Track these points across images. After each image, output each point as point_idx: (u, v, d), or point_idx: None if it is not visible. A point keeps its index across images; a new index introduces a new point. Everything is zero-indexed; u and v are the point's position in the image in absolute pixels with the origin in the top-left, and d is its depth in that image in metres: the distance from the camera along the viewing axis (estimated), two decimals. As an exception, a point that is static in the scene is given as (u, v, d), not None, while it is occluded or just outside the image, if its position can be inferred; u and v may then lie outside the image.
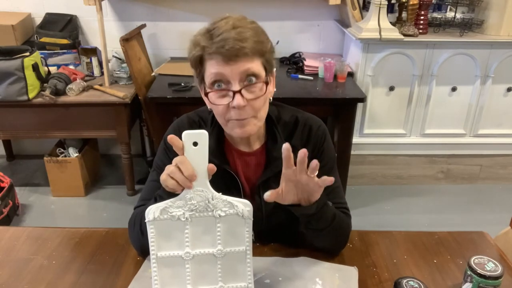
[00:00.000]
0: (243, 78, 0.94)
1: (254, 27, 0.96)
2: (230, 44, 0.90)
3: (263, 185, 1.09)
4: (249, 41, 0.92)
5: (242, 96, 0.94)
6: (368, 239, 1.17)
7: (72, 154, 2.74)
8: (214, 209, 0.84)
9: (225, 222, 0.85)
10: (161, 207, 0.84)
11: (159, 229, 0.85)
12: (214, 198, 0.84)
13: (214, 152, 1.06)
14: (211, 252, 0.87)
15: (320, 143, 1.12)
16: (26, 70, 2.35)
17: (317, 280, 1.01)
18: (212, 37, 0.93)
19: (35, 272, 1.04)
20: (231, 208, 0.85)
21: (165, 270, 0.88)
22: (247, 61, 0.93)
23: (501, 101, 2.78)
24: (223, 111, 0.97)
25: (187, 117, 1.14)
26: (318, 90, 2.47)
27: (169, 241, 0.86)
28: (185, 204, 0.84)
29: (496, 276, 0.91)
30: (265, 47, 0.97)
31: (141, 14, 2.87)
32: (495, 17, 2.64)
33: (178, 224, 0.85)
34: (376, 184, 2.95)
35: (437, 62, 2.64)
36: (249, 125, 0.99)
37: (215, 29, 0.93)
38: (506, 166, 2.97)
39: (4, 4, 2.82)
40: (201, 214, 0.85)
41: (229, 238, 0.87)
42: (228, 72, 0.93)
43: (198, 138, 0.80)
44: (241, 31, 0.92)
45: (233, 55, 0.91)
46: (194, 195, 0.83)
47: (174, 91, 2.37)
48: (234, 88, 0.94)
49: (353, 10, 2.65)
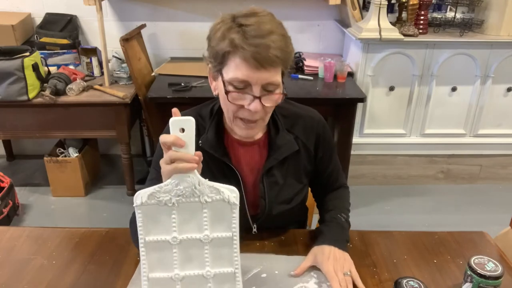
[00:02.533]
0: (264, 87, 0.95)
1: (285, 34, 0.95)
2: (265, 51, 0.90)
3: (266, 173, 1.11)
4: (281, 52, 0.92)
5: (260, 102, 0.95)
6: (368, 239, 1.17)
7: (72, 154, 2.74)
8: (201, 195, 0.85)
9: (212, 208, 0.86)
10: (148, 192, 0.85)
11: (146, 214, 0.86)
12: (200, 184, 0.84)
13: (213, 144, 1.07)
14: (197, 238, 0.87)
15: (322, 132, 1.16)
16: (26, 70, 2.35)
17: (312, 274, 1.03)
18: (246, 36, 0.90)
19: (35, 272, 1.04)
20: (218, 194, 0.85)
21: (153, 254, 0.89)
22: (274, 71, 0.94)
23: (501, 101, 2.78)
24: (235, 109, 0.98)
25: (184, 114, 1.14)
26: (318, 90, 2.47)
27: (157, 226, 0.87)
28: (172, 189, 0.84)
29: (496, 276, 0.91)
30: (290, 57, 0.97)
31: (141, 14, 2.87)
32: (495, 17, 2.64)
33: (165, 209, 0.86)
34: (376, 184, 2.95)
35: (437, 62, 2.64)
36: (256, 128, 1.02)
37: (249, 26, 0.91)
38: (506, 166, 2.97)
39: (4, 4, 2.82)
40: (187, 199, 0.85)
41: (215, 224, 0.87)
42: (253, 78, 0.92)
43: (184, 124, 0.80)
44: (276, 39, 0.91)
45: (265, 62, 0.90)
46: (181, 181, 0.84)
47: (174, 91, 2.38)
48: (256, 94, 0.94)
49: (353, 10, 2.65)
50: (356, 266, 1.05)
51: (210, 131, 1.08)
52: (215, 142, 1.08)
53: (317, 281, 1.00)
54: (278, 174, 1.11)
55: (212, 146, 1.08)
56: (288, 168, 1.13)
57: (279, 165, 1.11)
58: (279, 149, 1.09)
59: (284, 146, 1.10)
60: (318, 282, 1.00)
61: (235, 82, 0.94)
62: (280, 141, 1.10)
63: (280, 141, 1.09)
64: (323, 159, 1.18)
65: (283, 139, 1.10)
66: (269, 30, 0.91)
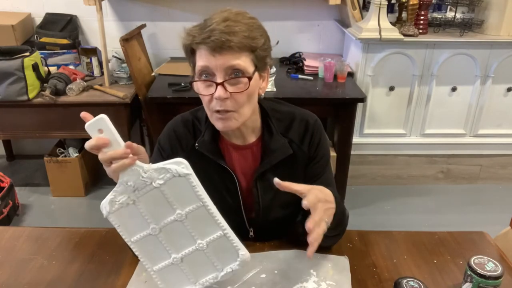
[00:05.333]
0: (228, 72, 0.95)
1: (249, 22, 0.96)
2: (216, 36, 0.91)
3: (260, 178, 1.10)
4: (237, 35, 0.92)
5: (224, 89, 0.95)
6: (368, 239, 1.17)
7: (72, 154, 2.74)
8: (152, 180, 0.84)
9: (169, 187, 0.85)
10: (108, 200, 0.86)
11: (119, 220, 0.88)
12: (146, 171, 0.84)
13: (209, 148, 1.08)
14: (173, 219, 0.88)
15: (317, 137, 1.13)
16: (26, 70, 2.35)
17: (311, 271, 1.03)
18: (202, 28, 0.94)
19: (35, 272, 1.04)
20: (166, 173, 0.84)
21: (146, 249, 0.90)
22: (233, 55, 0.93)
23: (501, 101, 2.78)
24: (207, 102, 0.99)
25: (181, 117, 1.15)
26: (318, 90, 2.47)
27: (134, 225, 0.88)
28: (125, 188, 0.85)
29: (496, 276, 0.91)
30: (255, 43, 0.96)
31: (141, 14, 2.87)
32: (495, 17, 2.64)
33: (131, 208, 0.87)
34: (376, 184, 2.95)
35: (437, 62, 2.64)
36: (230, 120, 0.99)
37: (208, 20, 0.95)
38: (506, 166, 2.97)
39: (4, 4, 2.82)
40: (143, 190, 0.85)
41: (182, 200, 0.87)
42: (213, 64, 0.94)
43: (99, 124, 0.80)
44: (230, 24, 0.93)
45: (218, 46, 0.92)
46: (128, 177, 0.84)
47: (174, 91, 2.38)
48: (218, 80, 0.95)
49: (353, 10, 2.65)
50: (356, 266, 1.06)
51: (206, 134, 1.08)
52: (211, 145, 1.08)
53: (316, 279, 1.01)
54: (272, 179, 1.10)
55: (208, 149, 1.08)
56: (283, 173, 1.10)
57: (273, 169, 1.09)
58: (272, 153, 1.08)
59: (278, 150, 1.08)
60: (317, 280, 1.00)
61: (200, 73, 0.96)
62: (274, 145, 1.08)
63: (273, 145, 1.08)
64: (316, 165, 1.13)
65: (277, 143, 1.08)
66: (225, 18, 0.93)
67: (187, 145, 1.10)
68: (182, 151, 1.10)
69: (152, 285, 0.95)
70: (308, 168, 1.13)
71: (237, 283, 0.99)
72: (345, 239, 1.15)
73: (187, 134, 1.11)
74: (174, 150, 1.11)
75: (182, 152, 1.09)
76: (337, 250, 1.11)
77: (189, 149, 1.10)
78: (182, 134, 1.11)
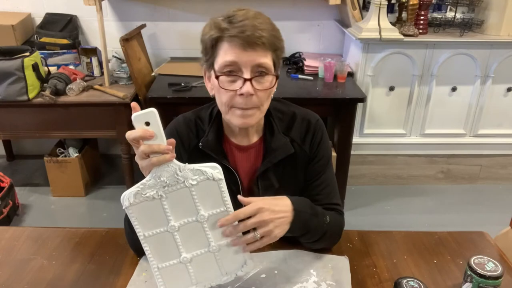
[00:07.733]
0: (254, 69, 0.96)
1: (271, 23, 0.99)
2: (251, 31, 0.92)
3: (261, 176, 1.10)
4: (268, 33, 0.94)
5: (252, 85, 0.95)
6: (368, 239, 1.17)
7: (72, 154, 2.74)
8: (185, 179, 0.85)
9: (199, 189, 0.87)
10: (133, 192, 0.86)
11: (138, 213, 0.87)
12: (182, 170, 0.85)
13: (213, 147, 1.08)
14: (194, 220, 0.89)
15: (318, 137, 1.13)
16: (26, 70, 2.35)
17: (312, 271, 1.03)
18: (233, 21, 0.94)
19: (35, 272, 1.04)
20: (201, 175, 0.86)
21: (157, 246, 0.90)
22: (262, 52, 0.95)
23: (501, 101, 2.78)
24: (229, 97, 0.98)
25: (183, 117, 1.14)
26: (318, 90, 2.47)
27: (152, 220, 0.88)
28: (156, 183, 0.85)
29: (496, 276, 0.91)
30: (279, 43, 0.99)
31: (141, 14, 2.87)
32: (495, 17, 2.64)
33: (156, 203, 0.87)
34: (376, 184, 2.95)
35: (437, 62, 2.64)
36: (250, 117, 1.00)
37: (235, 16, 0.94)
38: (506, 166, 2.97)
39: (4, 4, 2.82)
40: (174, 188, 0.86)
41: (207, 202, 0.88)
42: (242, 60, 0.94)
43: (148, 117, 0.81)
44: (261, 21, 0.94)
45: (252, 41, 0.92)
46: (162, 172, 0.84)
47: (174, 91, 2.38)
48: (246, 76, 0.95)
49: (353, 10, 2.65)
50: (356, 266, 1.06)
51: (210, 134, 1.08)
52: (215, 144, 1.08)
53: (316, 279, 1.01)
54: (273, 178, 1.10)
55: (212, 149, 1.08)
56: (285, 172, 1.12)
57: (275, 168, 1.10)
58: (274, 152, 1.09)
59: (279, 149, 1.09)
60: (317, 280, 1.00)
61: (225, 67, 0.96)
62: (275, 144, 1.09)
63: (275, 144, 1.09)
64: (316, 165, 1.13)
65: (278, 142, 1.09)
66: (254, 15, 0.95)
67: (190, 145, 1.10)
68: (185, 151, 1.10)
69: (152, 285, 0.95)
70: (308, 168, 1.13)
71: (237, 283, 0.99)
72: (345, 239, 1.15)
73: (190, 134, 1.11)
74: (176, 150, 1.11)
75: (184, 152, 1.09)
76: (337, 250, 1.12)
77: (191, 149, 1.10)
78: (185, 134, 1.11)
